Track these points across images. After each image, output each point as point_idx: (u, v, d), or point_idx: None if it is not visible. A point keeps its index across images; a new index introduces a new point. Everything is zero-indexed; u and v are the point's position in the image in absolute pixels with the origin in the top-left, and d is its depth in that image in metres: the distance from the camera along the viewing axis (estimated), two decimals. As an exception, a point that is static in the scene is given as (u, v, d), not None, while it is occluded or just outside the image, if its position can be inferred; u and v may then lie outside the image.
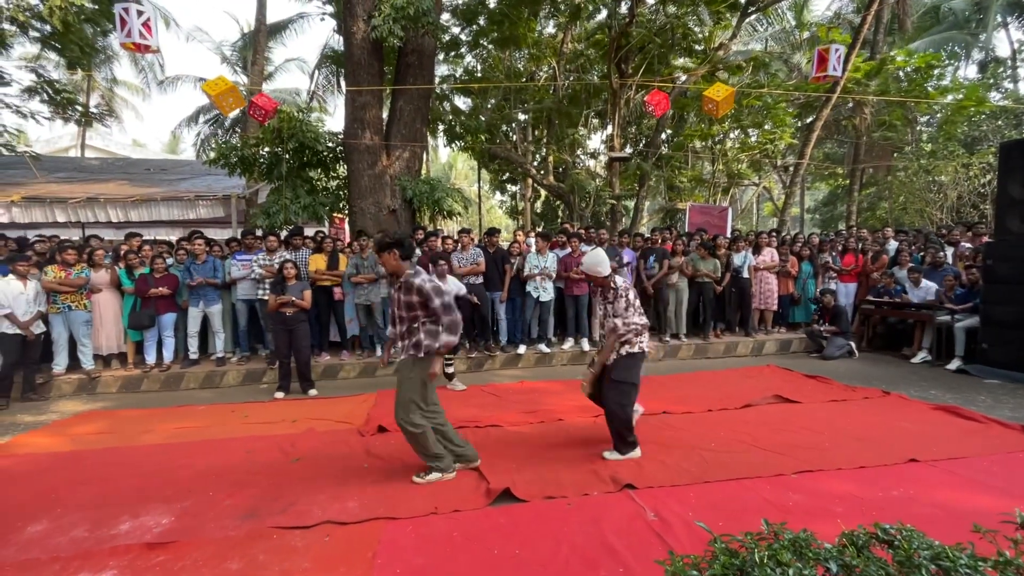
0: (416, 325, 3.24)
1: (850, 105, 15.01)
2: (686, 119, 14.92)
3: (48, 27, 9.31)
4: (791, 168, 14.27)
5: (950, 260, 7.30)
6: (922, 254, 7.64)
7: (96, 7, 9.43)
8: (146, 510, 2.99)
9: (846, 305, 7.83)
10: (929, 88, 13.25)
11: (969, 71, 18.69)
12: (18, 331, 5.22)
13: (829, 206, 23.54)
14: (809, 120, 13.82)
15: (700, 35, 12.60)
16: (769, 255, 7.65)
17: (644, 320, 3.60)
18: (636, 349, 3.57)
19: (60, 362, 5.79)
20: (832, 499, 2.96)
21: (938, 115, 14.94)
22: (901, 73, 13.81)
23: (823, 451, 3.67)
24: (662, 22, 11.76)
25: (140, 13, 5.29)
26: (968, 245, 7.40)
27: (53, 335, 5.69)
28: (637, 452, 3.63)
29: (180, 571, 2.41)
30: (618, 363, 3.55)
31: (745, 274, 7.43)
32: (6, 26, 9.12)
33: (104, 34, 11.61)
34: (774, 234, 8.07)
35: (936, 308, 6.51)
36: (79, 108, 11.55)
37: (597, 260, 3.60)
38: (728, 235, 8.89)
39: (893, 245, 8.07)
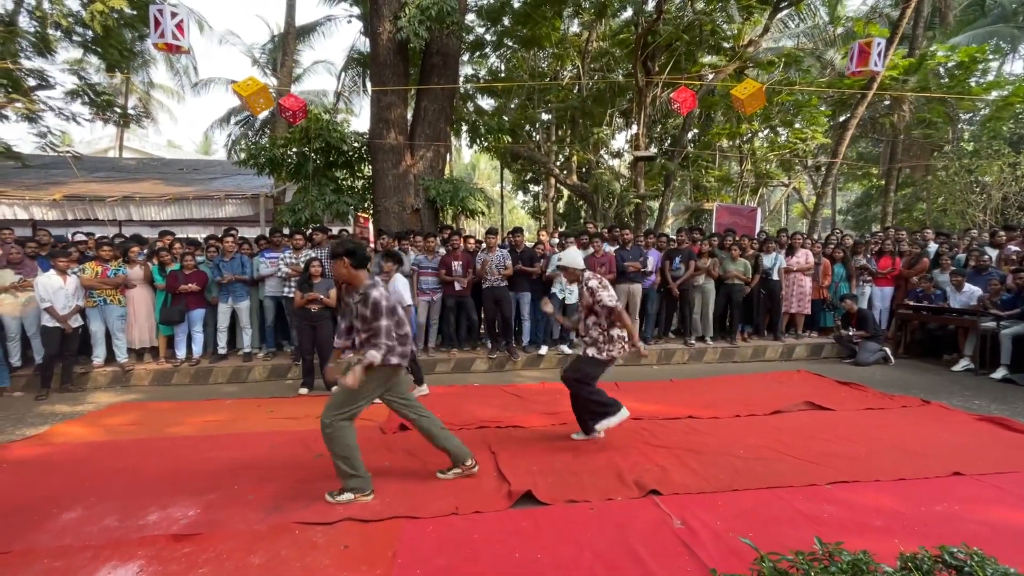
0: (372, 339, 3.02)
1: (887, 102, 14.49)
2: (713, 118, 14.63)
3: (89, 32, 9.67)
4: (823, 168, 13.85)
5: (994, 263, 6.95)
6: (965, 256, 7.29)
7: (134, 12, 9.76)
8: (173, 501, 3.04)
9: (882, 310, 7.54)
10: (972, 84, 12.68)
11: (1016, 66, 17.89)
12: (58, 324, 5.42)
13: (862, 207, 22.78)
14: (843, 118, 13.38)
15: (729, 32, 12.33)
16: (804, 257, 7.41)
17: (618, 331, 3.70)
18: (604, 356, 3.71)
19: (99, 354, 6.01)
20: (870, 512, 2.82)
21: (982, 112, 14.30)
22: (942, 69, 13.25)
23: (859, 461, 3.51)
24: (690, 19, 11.55)
25: (174, 15, 5.43)
26: (1015, 248, 7.03)
27: (91, 328, 5.89)
28: (624, 412, 3.74)
29: (204, 563, 2.43)
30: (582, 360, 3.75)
31: (775, 276, 7.21)
32: (51, 32, 9.50)
33: (141, 38, 12.00)
34: (799, 236, 7.81)
35: (980, 314, 6.20)
36: (118, 110, 11.96)
37: (572, 255, 3.88)
38: (756, 236, 8.66)
39: (933, 247, 7.73)
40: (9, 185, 9.88)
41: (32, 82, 9.80)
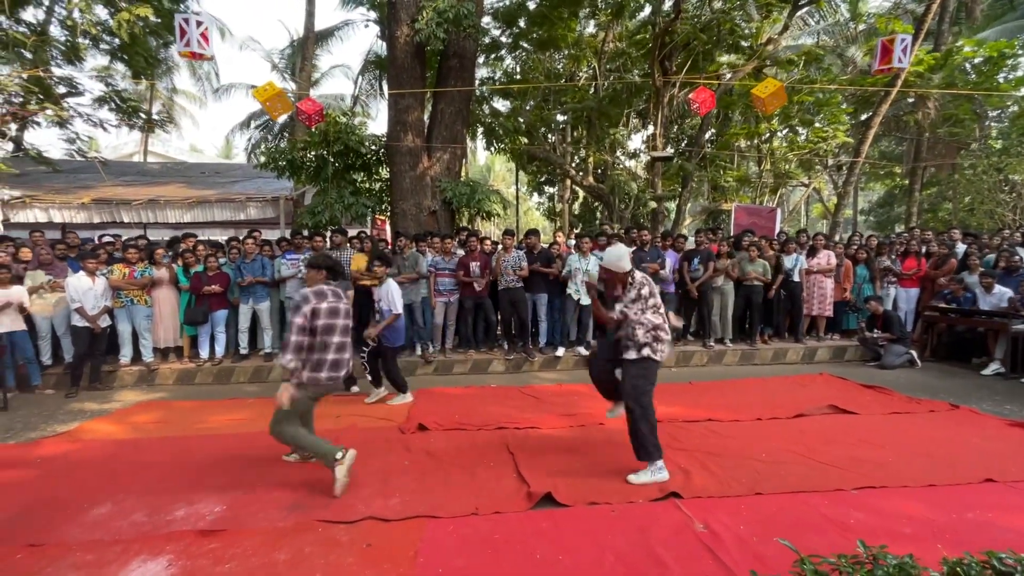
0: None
1: (911, 100, 14.15)
2: (731, 118, 14.45)
3: (116, 40, 9.93)
4: (844, 167, 13.58)
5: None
6: (995, 257, 7.08)
7: (159, 20, 10.00)
8: (199, 498, 3.10)
9: (907, 312, 7.37)
10: (1001, 80, 12.32)
11: (1047, 62, 17.29)
12: (87, 324, 5.57)
13: (885, 207, 22.30)
14: (865, 116, 13.11)
15: (748, 31, 12.17)
16: (825, 258, 7.27)
17: (662, 322, 3.28)
18: (654, 355, 3.24)
19: (126, 353, 6.16)
20: (899, 519, 2.76)
21: (1011, 109, 13.89)
22: (969, 65, 12.90)
23: (886, 466, 3.43)
24: (708, 18, 11.43)
25: (199, 24, 5.56)
26: (1048, 248, 6.81)
27: (119, 328, 6.05)
28: (664, 475, 3.23)
29: (231, 559, 2.47)
30: (633, 366, 3.27)
31: (796, 277, 7.09)
32: (80, 40, 9.78)
33: (166, 46, 12.29)
34: (821, 237, 7.67)
35: (1011, 316, 6.01)
36: (143, 116, 12.27)
37: (619, 254, 3.29)
38: (776, 237, 8.53)
39: (961, 248, 7.52)
40: (40, 189, 10.19)
41: (62, 89, 10.10)
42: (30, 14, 10.17)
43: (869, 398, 5.14)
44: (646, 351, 3.24)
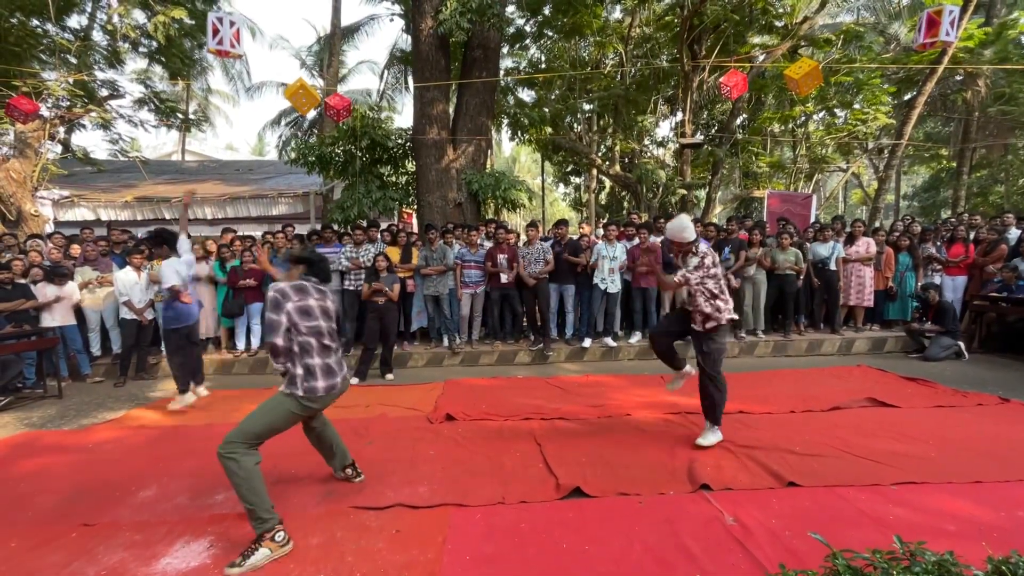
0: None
1: (959, 77, 13.38)
2: (764, 101, 13.97)
3: (154, 43, 10.29)
4: (886, 151, 12.97)
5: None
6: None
7: (193, 22, 10.31)
8: (238, 483, 3.22)
9: (953, 300, 7.02)
10: (1061, 53, 11.52)
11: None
12: (134, 316, 5.84)
13: (930, 192, 21.21)
14: (909, 96, 12.47)
15: (781, 9, 11.70)
16: (864, 246, 6.99)
17: (725, 293, 3.56)
18: (720, 322, 3.54)
19: (167, 345, 6.43)
20: (942, 516, 2.64)
21: (1072, 84, 12.94)
22: (1024, 38, 12.10)
23: (928, 461, 3.29)
24: (739, -2, 11.05)
25: (232, 24, 5.70)
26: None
27: (160, 321, 6.31)
28: (719, 435, 3.65)
29: (268, 541, 2.56)
30: (703, 337, 3.59)
31: (832, 266, 6.84)
32: (121, 44, 10.18)
33: (200, 47, 12.66)
34: (860, 223, 7.35)
35: (1069, 305, 5.66)
36: (180, 116, 12.71)
37: (683, 225, 3.57)
38: (811, 224, 8.23)
39: (1015, 233, 7.10)
40: (87, 189, 10.70)
41: (104, 92, 10.55)
42: (74, 20, 10.63)
43: (911, 391, 4.93)
44: (711, 323, 3.53)
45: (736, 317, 3.68)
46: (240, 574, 2.31)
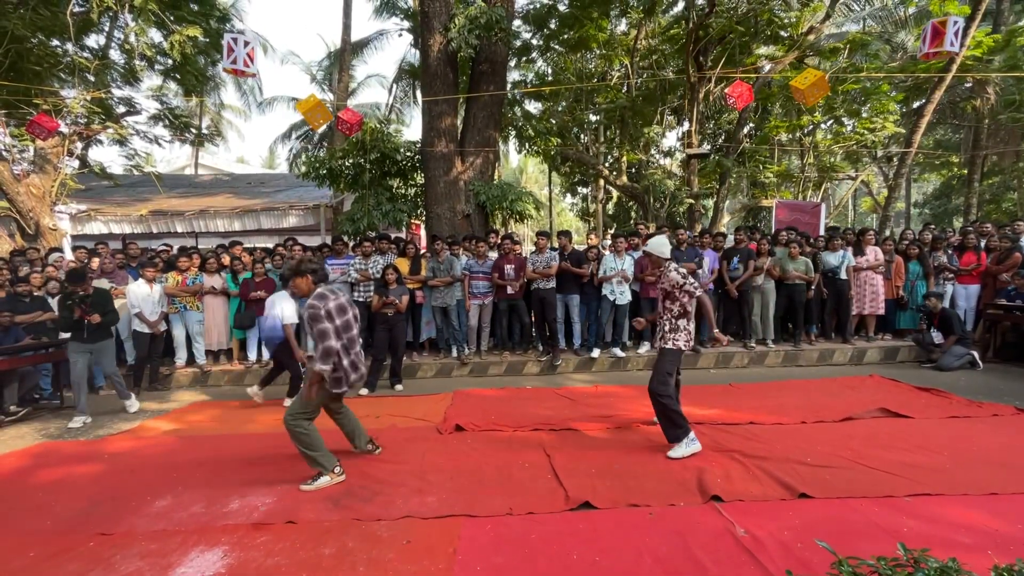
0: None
1: (967, 85, 13.34)
2: (770, 111, 14.00)
3: (169, 60, 10.55)
4: (895, 159, 12.91)
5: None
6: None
7: (207, 40, 10.56)
8: (251, 491, 3.27)
9: (966, 309, 6.95)
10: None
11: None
12: (147, 329, 5.94)
13: (941, 199, 21.05)
14: (917, 104, 12.44)
15: (787, 20, 11.76)
16: (873, 254, 6.96)
17: (684, 322, 3.70)
18: (670, 345, 3.68)
19: (181, 356, 6.55)
20: (956, 528, 2.62)
21: (1083, 90, 12.84)
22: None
23: (943, 473, 3.26)
24: (744, 9, 11.11)
25: (246, 43, 5.85)
26: None
27: (173, 333, 6.43)
28: (697, 445, 3.62)
29: (280, 552, 2.60)
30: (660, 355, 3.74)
31: (843, 275, 6.81)
32: (137, 62, 10.44)
33: (214, 63, 12.95)
34: (869, 232, 7.32)
35: (1085, 313, 5.58)
36: (193, 131, 12.96)
37: (663, 242, 3.83)
38: (821, 233, 8.20)
39: (1028, 241, 7.02)
40: (103, 203, 10.92)
41: (121, 109, 10.81)
42: (92, 40, 10.93)
43: (924, 401, 4.88)
44: (666, 341, 3.71)
45: (686, 350, 3.78)
46: (312, 490, 3.22)
